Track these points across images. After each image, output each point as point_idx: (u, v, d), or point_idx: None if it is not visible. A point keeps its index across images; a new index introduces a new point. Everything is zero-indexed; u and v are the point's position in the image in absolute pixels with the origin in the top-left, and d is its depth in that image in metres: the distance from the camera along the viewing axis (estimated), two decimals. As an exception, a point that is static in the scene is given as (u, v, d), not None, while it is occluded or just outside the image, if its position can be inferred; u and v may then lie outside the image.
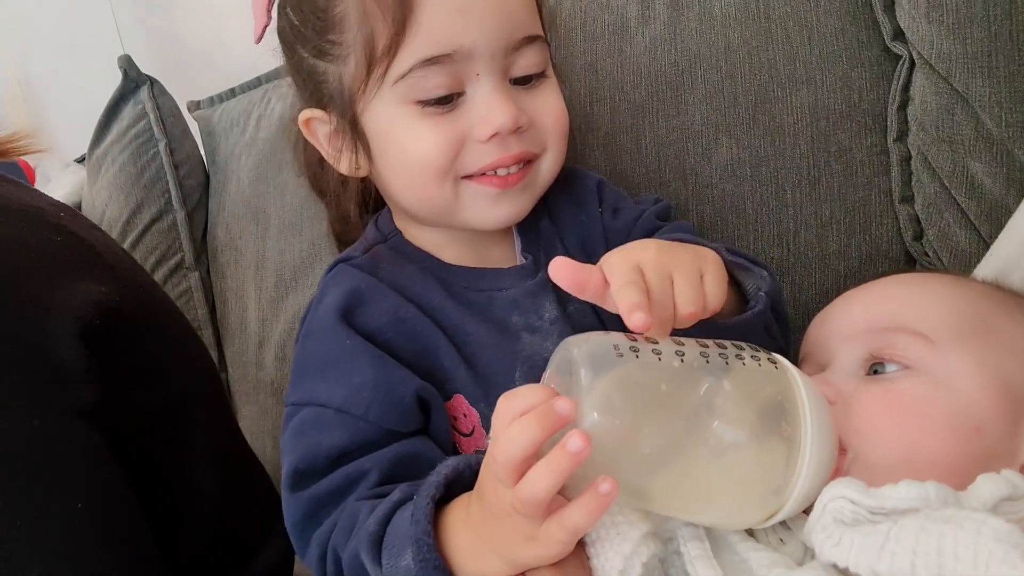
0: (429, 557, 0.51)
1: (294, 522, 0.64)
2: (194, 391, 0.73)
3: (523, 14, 0.66)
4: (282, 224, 1.14)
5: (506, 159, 0.65)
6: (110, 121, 1.25)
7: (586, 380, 0.44)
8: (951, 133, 0.78)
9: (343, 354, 0.65)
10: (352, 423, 0.63)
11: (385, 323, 0.67)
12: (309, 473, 0.63)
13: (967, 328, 0.54)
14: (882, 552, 0.42)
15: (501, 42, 0.63)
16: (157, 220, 1.21)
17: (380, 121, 0.66)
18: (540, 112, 0.67)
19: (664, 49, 0.92)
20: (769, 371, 0.48)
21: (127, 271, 0.70)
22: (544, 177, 0.70)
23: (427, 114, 0.64)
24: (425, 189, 0.67)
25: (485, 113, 0.64)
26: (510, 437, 0.44)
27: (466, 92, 0.64)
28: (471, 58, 0.63)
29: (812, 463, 0.46)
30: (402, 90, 0.63)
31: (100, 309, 0.61)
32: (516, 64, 0.65)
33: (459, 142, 0.64)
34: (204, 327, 1.22)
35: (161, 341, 0.70)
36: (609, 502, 0.43)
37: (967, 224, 0.78)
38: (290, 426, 0.66)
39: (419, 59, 0.62)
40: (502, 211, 0.68)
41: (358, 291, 0.68)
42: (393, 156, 0.67)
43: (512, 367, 0.68)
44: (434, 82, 0.63)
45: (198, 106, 1.34)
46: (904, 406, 0.51)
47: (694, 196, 0.90)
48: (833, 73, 0.85)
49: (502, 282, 0.72)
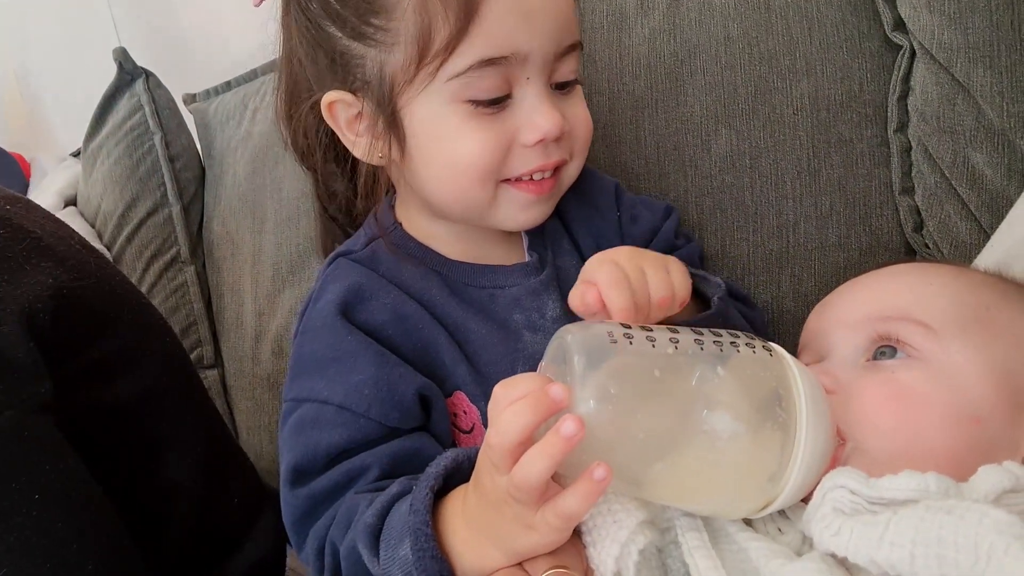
0: (427, 547, 0.51)
1: (293, 519, 0.64)
2: (164, 383, 0.72)
3: (572, 20, 0.65)
4: (279, 218, 1.13)
5: (547, 165, 0.66)
6: (105, 114, 1.25)
7: (579, 367, 0.44)
8: (952, 124, 0.78)
9: (343, 351, 0.65)
10: (353, 420, 0.62)
11: (386, 319, 0.66)
12: (309, 471, 0.63)
13: (969, 318, 0.53)
14: (881, 542, 0.41)
15: (553, 48, 0.63)
16: (153, 214, 1.20)
17: (425, 117, 0.64)
18: (575, 119, 0.67)
19: (663, 40, 0.91)
20: (764, 359, 0.48)
21: (82, 262, 0.69)
22: (567, 183, 0.70)
23: (478, 114, 0.63)
24: (466, 189, 0.65)
25: (534, 118, 0.63)
26: (505, 422, 0.44)
27: (513, 95, 0.63)
28: (525, 62, 0.62)
29: (807, 451, 0.46)
30: (454, 88, 0.62)
31: (48, 302, 0.61)
32: (559, 70, 0.65)
33: (507, 145, 0.64)
34: (200, 321, 1.22)
35: (125, 333, 0.69)
36: (603, 488, 0.43)
37: (968, 215, 0.78)
38: (289, 423, 0.65)
39: (478, 59, 0.60)
40: (531, 215, 0.69)
41: (358, 287, 0.67)
42: (436, 153, 0.65)
43: (513, 365, 0.68)
44: (489, 83, 0.61)
45: (194, 99, 1.33)
46: (904, 396, 0.50)
47: (694, 187, 0.90)
48: (833, 64, 0.85)
49: (504, 279, 0.72)
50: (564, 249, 0.76)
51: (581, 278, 0.60)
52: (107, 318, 0.67)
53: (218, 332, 1.23)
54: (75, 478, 0.59)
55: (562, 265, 0.75)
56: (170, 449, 0.70)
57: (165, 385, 0.72)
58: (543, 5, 0.62)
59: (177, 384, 0.74)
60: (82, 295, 0.65)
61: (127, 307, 0.71)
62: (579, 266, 0.74)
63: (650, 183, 0.91)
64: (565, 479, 0.45)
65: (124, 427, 0.67)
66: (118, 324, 0.68)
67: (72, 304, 0.63)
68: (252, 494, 0.80)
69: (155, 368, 0.71)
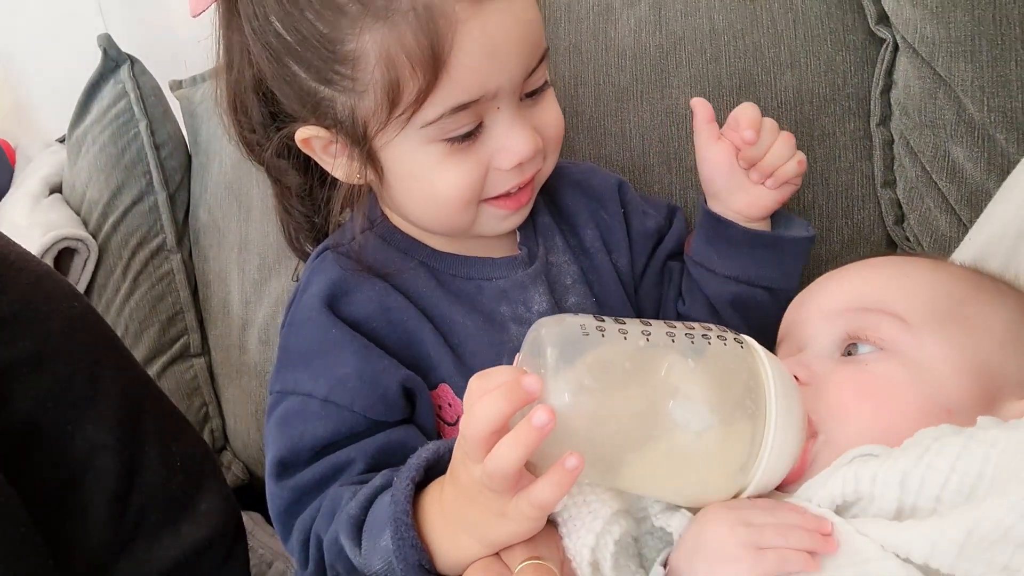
0: (407, 536, 0.52)
1: (278, 511, 0.64)
2: (73, 343, 0.71)
3: (540, 36, 0.64)
4: (265, 206, 1.13)
5: (523, 182, 0.66)
6: (90, 101, 1.24)
7: (551, 358, 0.44)
8: (933, 117, 0.78)
9: (328, 344, 0.65)
10: (337, 413, 0.63)
11: (371, 312, 0.67)
12: (294, 463, 0.64)
13: (943, 311, 0.54)
14: (919, 462, 0.43)
15: (523, 74, 0.62)
16: (138, 201, 1.19)
17: (404, 158, 0.64)
18: (544, 125, 0.67)
19: (649, 31, 0.91)
20: (735, 350, 0.48)
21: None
22: (541, 182, 0.71)
23: (453, 151, 0.62)
24: (449, 216, 0.66)
25: (508, 144, 0.63)
26: (478, 411, 0.45)
27: (485, 123, 0.63)
28: (496, 96, 0.61)
29: (777, 442, 0.47)
30: (429, 132, 0.61)
31: None
32: (529, 83, 0.64)
33: (483, 173, 0.64)
34: (187, 310, 1.21)
35: (15, 299, 0.67)
36: (575, 476, 0.44)
37: (948, 208, 0.78)
38: (274, 415, 0.66)
39: (449, 107, 0.60)
40: (511, 222, 0.70)
41: (343, 280, 0.68)
42: (416, 188, 0.65)
43: (498, 357, 0.68)
44: (461, 123, 0.61)
45: (180, 85, 1.32)
46: (876, 388, 0.51)
47: (678, 180, 0.90)
48: (817, 57, 0.85)
49: (492, 271, 0.72)
50: (557, 246, 0.76)
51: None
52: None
53: (205, 320, 1.22)
54: None
55: (554, 261, 0.75)
56: (90, 406, 0.70)
57: (72, 345, 0.71)
58: (511, 36, 0.60)
59: (87, 345, 0.73)
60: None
61: (21, 272, 0.70)
62: (575, 262, 0.75)
63: (635, 175, 0.91)
64: (539, 469, 0.46)
65: (29, 384, 0.66)
66: (6, 290, 0.66)
67: None
68: (196, 459, 0.80)
69: (57, 328, 0.70)
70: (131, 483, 0.71)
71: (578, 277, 0.75)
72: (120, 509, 0.71)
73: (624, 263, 0.78)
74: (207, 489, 0.78)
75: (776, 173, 0.70)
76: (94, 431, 0.70)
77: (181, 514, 0.75)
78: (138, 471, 0.72)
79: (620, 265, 0.77)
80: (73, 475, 0.68)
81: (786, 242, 0.73)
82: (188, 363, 1.19)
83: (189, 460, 0.78)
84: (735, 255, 0.73)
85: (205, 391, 1.20)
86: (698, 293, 0.75)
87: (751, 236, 0.72)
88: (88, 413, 0.70)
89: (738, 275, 0.73)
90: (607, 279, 0.76)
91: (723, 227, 0.73)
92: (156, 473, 0.73)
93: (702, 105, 0.73)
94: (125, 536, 0.71)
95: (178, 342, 1.19)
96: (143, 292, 1.18)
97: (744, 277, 0.73)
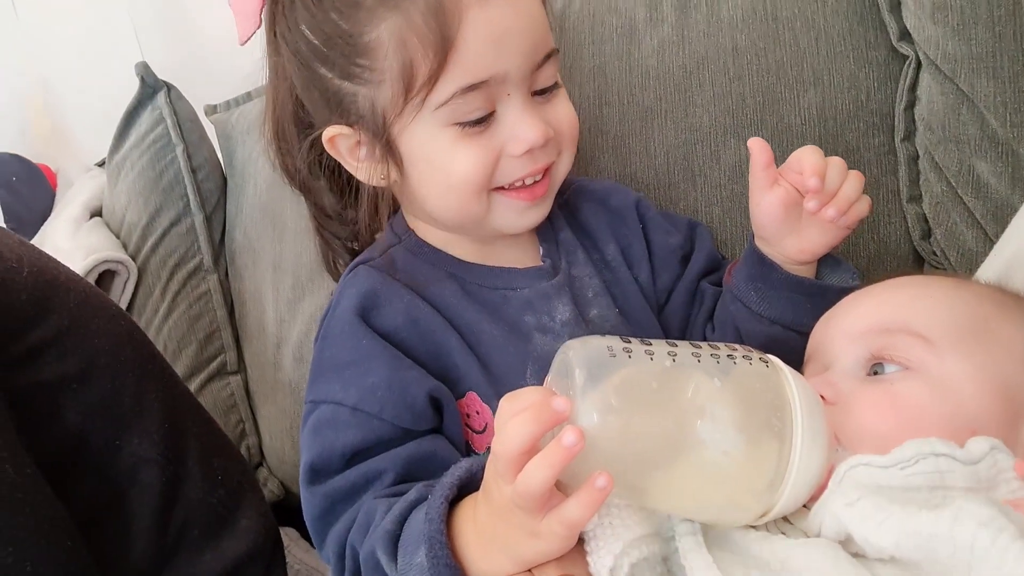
0: (441, 555, 0.53)
1: (312, 517, 0.67)
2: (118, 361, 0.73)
3: (544, 33, 0.69)
4: (299, 227, 1.15)
5: (536, 170, 0.69)
6: (128, 127, 1.27)
7: (580, 379, 0.45)
8: (957, 133, 0.78)
9: (359, 354, 0.67)
10: (367, 421, 0.65)
11: (400, 323, 0.69)
12: (325, 470, 0.66)
13: (967, 330, 0.54)
14: (879, 526, 0.44)
15: (529, 64, 0.67)
16: (176, 224, 1.22)
17: (419, 143, 0.68)
18: (557, 121, 0.70)
19: (672, 52, 0.92)
20: (760, 370, 0.49)
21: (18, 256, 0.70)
22: (559, 179, 0.73)
23: (466, 134, 0.67)
24: (462, 203, 0.69)
25: (518, 131, 0.67)
26: (509, 432, 0.46)
27: (497, 111, 0.67)
28: (504, 81, 0.66)
29: (803, 460, 0.47)
30: (442, 115, 0.66)
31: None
32: (538, 80, 0.68)
33: (495, 158, 0.68)
34: (223, 328, 1.23)
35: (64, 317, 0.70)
36: (604, 496, 0.45)
37: (973, 223, 0.79)
38: (308, 424, 0.68)
39: (459, 87, 0.64)
40: (529, 217, 0.72)
41: (374, 292, 0.70)
42: (432, 174, 0.69)
43: (523, 366, 0.70)
44: (473, 105, 0.66)
45: (215, 110, 1.35)
46: (901, 407, 0.52)
47: (703, 197, 0.91)
48: (840, 74, 0.86)
49: (517, 281, 0.75)
50: (579, 260, 0.78)
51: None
52: (43, 304, 0.69)
53: (241, 339, 1.25)
54: (12, 480, 0.61)
55: (576, 275, 0.77)
56: (133, 421, 0.72)
57: (119, 362, 0.73)
58: (514, 27, 0.65)
59: (133, 362, 0.75)
60: (16, 281, 0.67)
61: (70, 293, 0.72)
62: (598, 275, 0.77)
63: (659, 193, 0.92)
64: (569, 488, 0.47)
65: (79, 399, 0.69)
66: (55, 309, 0.70)
67: (6, 291, 0.66)
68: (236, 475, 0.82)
69: (104, 345, 0.72)
70: (174, 497, 0.74)
71: (601, 290, 0.77)
72: (163, 523, 0.73)
73: (645, 277, 0.79)
74: (247, 504, 0.80)
75: (848, 212, 0.68)
76: (139, 445, 0.72)
77: (222, 529, 0.77)
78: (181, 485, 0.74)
79: (641, 279, 0.79)
80: (120, 488, 0.71)
81: (829, 292, 0.70)
82: (225, 381, 1.22)
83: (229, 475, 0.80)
84: (775, 298, 0.72)
85: (241, 408, 1.22)
86: (731, 325, 0.75)
87: (795, 282, 0.71)
88: (134, 427, 0.72)
89: (775, 318, 0.72)
90: (630, 292, 0.78)
91: (767, 269, 0.72)
92: (198, 487, 0.76)
93: (760, 148, 0.69)
94: (168, 550, 0.73)
95: (215, 360, 1.21)
96: (181, 312, 1.20)
97: (781, 320, 0.72)
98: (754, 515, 0.49)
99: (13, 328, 0.65)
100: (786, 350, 0.71)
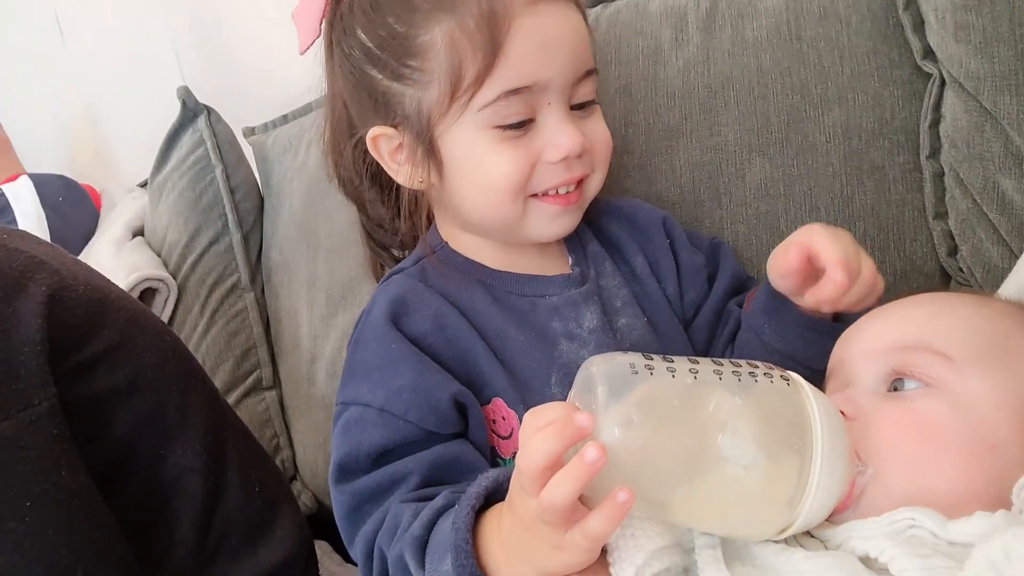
0: (466, 563, 0.55)
1: (341, 515, 0.69)
2: (163, 374, 0.76)
3: (587, 50, 0.72)
4: (331, 245, 1.18)
5: (570, 179, 0.72)
6: (170, 149, 1.32)
7: (602, 396, 0.47)
8: (981, 150, 0.79)
9: (387, 358, 0.70)
10: (392, 422, 0.67)
11: (427, 329, 0.72)
12: (352, 469, 0.68)
13: (987, 348, 0.55)
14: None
15: (571, 75, 0.70)
16: (215, 243, 1.26)
17: (461, 144, 0.71)
18: (594, 137, 0.73)
19: (697, 72, 0.94)
20: (781, 387, 0.50)
21: (74, 273, 0.74)
22: (591, 194, 0.76)
23: (505, 138, 0.70)
24: (499, 206, 0.72)
25: (556, 139, 0.70)
26: (533, 447, 0.48)
27: (537, 118, 0.70)
28: (546, 90, 0.69)
29: (824, 476, 0.48)
30: (483, 116, 0.69)
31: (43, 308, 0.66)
32: (577, 94, 0.72)
33: (533, 164, 0.70)
34: (259, 344, 1.26)
35: (114, 332, 0.73)
36: (626, 510, 0.46)
37: (999, 240, 0.78)
38: (338, 424, 0.71)
39: (504, 90, 0.68)
40: (559, 226, 0.75)
41: (404, 299, 0.73)
42: (471, 176, 0.72)
43: (548, 372, 0.72)
44: (515, 109, 0.69)
45: (253, 132, 1.39)
46: (921, 424, 0.52)
47: (728, 216, 0.92)
48: (865, 92, 0.86)
49: (546, 288, 0.77)
50: (607, 271, 0.80)
51: (790, 239, 0.68)
52: (96, 320, 0.72)
53: (276, 355, 1.28)
54: (69, 486, 0.64)
55: (605, 285, 0.79)
56: (177, 431, 0.75)
57: (164, 376, 0.76)
58: (560, 38, 0.69)
59: (178, 376, 0.78)
60: (73, 298, 0.71)
61: (120, 310, 0.76)
62: (626, 286, 0.79)
63: (685, 211, 0.93)
64: (592, 502, 0.48)
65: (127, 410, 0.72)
66: (107, 325, 0.73)
67: (64, 307, 0.69)
68: (272, 486, 0.84)
69: (151, 359, 0.75)
70: (215, 506, 0.76)
71: (629, 300, 0.79)
72: (204, 531, 0.75)
73: (673, 290, 0.81)
74: (282, 515, 0.83)
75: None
76: (183, 455, 0.75)
77: (259, 538, 0.79)
78: (221, 495, 0.77)
79: (669, 292, 0.81)
80: (164, 497, 0.74)
81: (841, 331, 0.66)
82: (260, 396, 1.25)
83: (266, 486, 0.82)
84: (787, 332, 0.73)
85: (276, 423, 1.25)
86: (744, 352, 0.77)
87: (808, 320, 0.72)
88: (178, 438, 0.75)
89: (785, 351, 0.73)
90: (658, 304, 0.80)
91: (780, 303, 0.73)
92: (237, 497, 0.78)
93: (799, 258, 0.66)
94: (207, 558, 0.76)
95: (251, 376, 1.24)
96: (219, 328, 1.24)
97: (792, 355, 0.73)
98: (775, 530, 0.50)
99: (70, 343, 0.69)
100: None
